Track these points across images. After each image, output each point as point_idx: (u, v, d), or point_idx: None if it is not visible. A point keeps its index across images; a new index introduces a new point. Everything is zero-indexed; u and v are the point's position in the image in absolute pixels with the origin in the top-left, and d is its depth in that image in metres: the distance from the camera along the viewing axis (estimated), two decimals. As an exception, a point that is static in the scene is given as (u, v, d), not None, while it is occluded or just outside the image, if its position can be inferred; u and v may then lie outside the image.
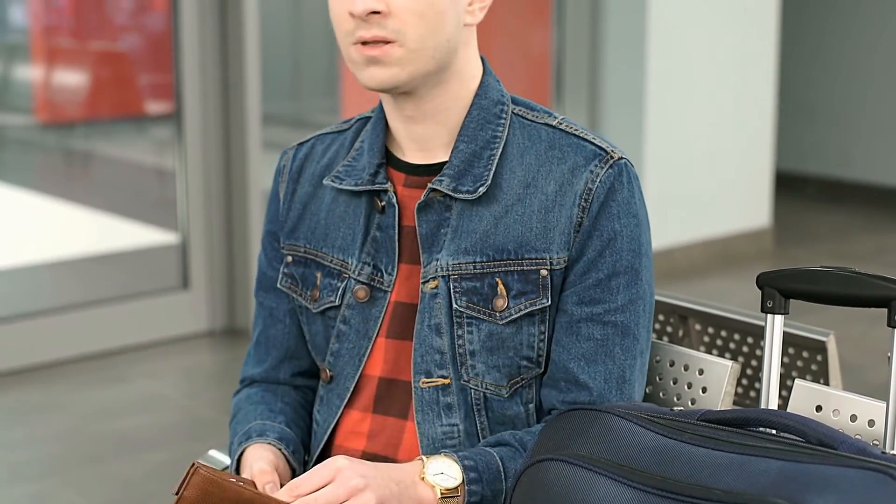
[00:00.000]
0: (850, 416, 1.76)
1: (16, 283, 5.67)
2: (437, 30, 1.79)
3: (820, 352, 2.32)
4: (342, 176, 1.93)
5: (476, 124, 1.87)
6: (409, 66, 1.79)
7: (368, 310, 1.90)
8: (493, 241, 1.83)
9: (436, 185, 1.84)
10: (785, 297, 1.81)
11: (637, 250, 1.84)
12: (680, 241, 6.63)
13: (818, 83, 8.74)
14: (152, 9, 6.25)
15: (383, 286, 1.89)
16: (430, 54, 1.80)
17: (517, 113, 1.90)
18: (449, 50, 1.82)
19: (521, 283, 1.82)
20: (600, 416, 1.63)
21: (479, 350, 1.84)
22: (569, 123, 1.89)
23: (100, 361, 5.10)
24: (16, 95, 6.28)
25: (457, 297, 1.84)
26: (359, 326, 1.90)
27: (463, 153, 1.85)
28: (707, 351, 2.50)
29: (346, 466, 1.65)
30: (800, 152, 8.78)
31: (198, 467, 1.60)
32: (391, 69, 1.79)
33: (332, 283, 1.93)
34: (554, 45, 6.57)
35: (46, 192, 6.45)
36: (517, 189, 1.84)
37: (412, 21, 1.77)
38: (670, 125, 6.48)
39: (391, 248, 1.89)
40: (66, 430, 4.42)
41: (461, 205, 1.85)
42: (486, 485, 1.73)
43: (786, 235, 7.31)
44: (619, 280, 1.82)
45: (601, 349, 1.82)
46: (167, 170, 5.82)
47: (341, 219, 1.94)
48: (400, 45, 1.78)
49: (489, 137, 1.86)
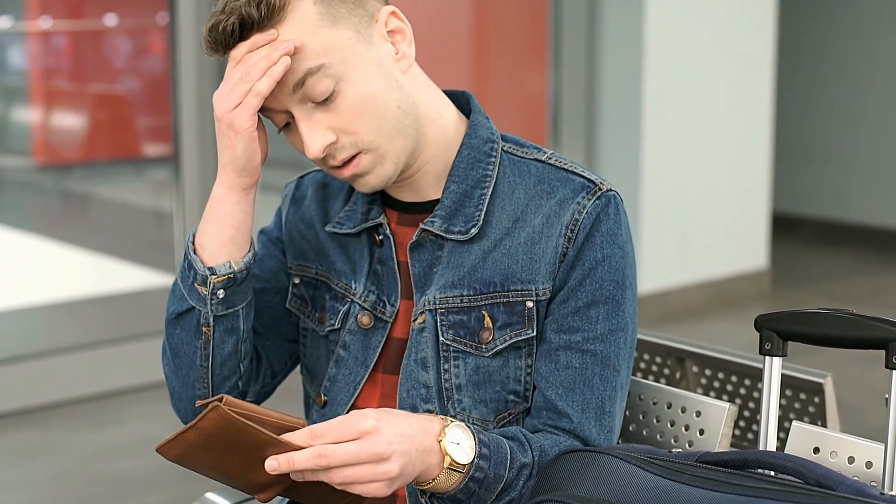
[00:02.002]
0: (848, 458, 1.76)
1: (13, 325, 5.66)
2: (385, 112, 1.77)
3: (817, 394, 2.32)
4: (342, 221, 1.94)
5: (467, 164, 1.86)
6: (389, 159, 1.79)
7: (368, 338, 1.90)
8: (481, 274, 1.83)
9: (427, 226, 1.84)
10: (783, 339, 1.81)
11: (620, 281, 1.82)
12: (677, 282, 6.63)
13: (813, 126, 8.77)
14: (150, 52, 6.27)
15: (385, 316, 1.89)
16: (396, 135, 1.79)
17: (507, 150, 1.90)
18: (408, 113, 1.80)
19: (506, 314, 1.82)
20: (598, 458, 1.63)
21: (465, 384, 1.83)
22: (558, 158, 1.89)
23: (96, 403, 5.09)
24: (14, 137, 6.30)
25: (443, 330, 1.83)
26: (357, 354, 1.90)
27: (454, 193, 1.85)
28: (704, 393, 2.50)
29: (376, 430, 1.57)
30: (796, 194, 8.80)
31: (217, 406, 1.53)
32: (375, 173, 1.79)
33: (336, 306, 1.93)
34: (551, 86, 6.59)
35: (44, 233, 6.46)
36: (506, 224, 1.84)
37: (361, 126, 1.76)
38: (667, 167, 6.49)
39: (393, 280, 1.89)
40: (62, 472, 4.41)
41: (452, 245, 1.85)
42: (493, 466, 1.70)
43: (783, 277, 7.32)
44: (599, 309, 1.81)
45: (580, 378, 1.80)
46: (165, 212, 5.82)
47: (342, 249, 1.95)
48: (366, 151, 1.77)
49: (480, 176, 1.86)
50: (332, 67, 1.72)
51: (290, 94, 1.73)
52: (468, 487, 1.68)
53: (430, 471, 1.65)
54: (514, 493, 1.73)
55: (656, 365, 2.56)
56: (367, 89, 1.75)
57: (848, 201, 8.61)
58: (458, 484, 1.68)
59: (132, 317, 5.87)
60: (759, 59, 6.85)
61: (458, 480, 1.68)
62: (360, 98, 1.74)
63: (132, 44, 6.33)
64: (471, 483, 1.68)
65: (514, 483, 1.73)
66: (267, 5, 1.70)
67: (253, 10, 1.70)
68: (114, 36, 6.33)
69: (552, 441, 1.79)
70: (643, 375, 2.58)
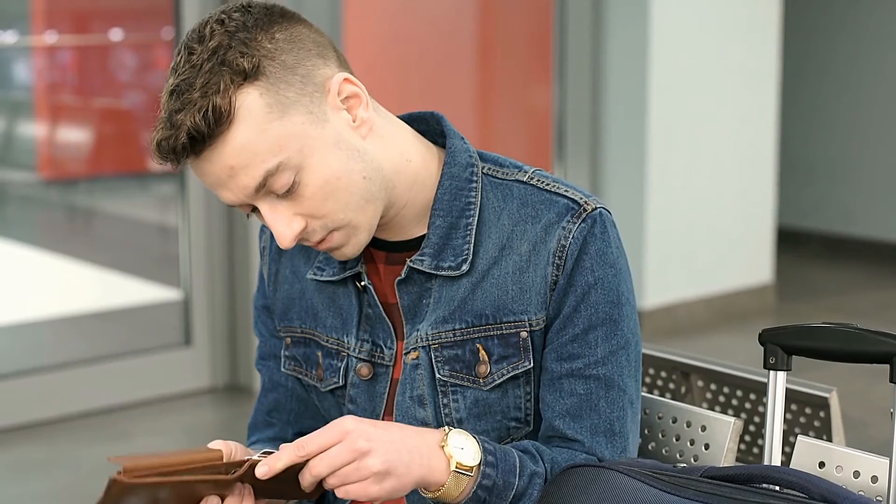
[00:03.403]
0: (854, 473, 1.76)
1: (18, 340, 5.67)
2: (351, 187, 1.72)
3: (822, 408, 2.32)
4: (322, 266, 1.91)
5: (449, 195, 1.82)
6: (363, 228, 1.76)
7: (373, 387, 1.88)
8: (472, 306, 1.80)
9: (416, 264, 1.81)
10: (787, 353, 1.82)
11: (615, 300, 1.80)
12: (682, 297, 6.63)
13: (819, 140, 8.77)
14: (155, 66, 6.28)
15: (384, 361, 1.87)
16: (365, 205, 1.75)
17: (487, 172, 1.85)
18: (375, 179, 1.75)
19: (501, 347, 1.80)
20: (602, 473, 1.63)
21: (466, 417, 1.82)
22: (540, 177, 1.84)
23: (102, 418, 5.10)
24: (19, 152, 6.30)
25: (439, 366, 1.82)
26: (365, 405, 1.88)
27: (440, 228, 1.81)
28: (710, 407, 2.50)
29: (354, 429, 1.60)
30: (801, 209, 8.80)
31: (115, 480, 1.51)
32: (350, 244, 1.76)
33: (333, 363, 1.91)
34: (555, 102, 6.59)
35: (49, 248, 6.47)
36: (493, 252, 1.81)
37: (328, 209, 1.71)
38: (672, 182, 6.49)
39: (385, 324, 1.86)
40: (68, 486, 4.41)
41: (441, 281, 1.82)
42: (501, 473, 1.69)
43: (788, 292, 7.31)
44: (597, 332, 1.79)
45: (585, 404, 1.79)
46: (170, 226, 5.83)
47: (331, 301, 1.91)
48: (338, 229, 1.74)
49: (463, 205, 1.82)
50: (290, 160, 1.67)
51: (252, 195, 1.69)
52: (477, 495, 1.67)
53: (436, 474, 1.65)
54: (529, 502, 1.72)
55: (661, 379, 2.56)
56: (330, 171, 1.70)
57: (853, 216, 8.61)
58: (468, 491, 1.67)
59: (138, 331, 5.88)
60: (764, 74, 6.85)
61: (468, 487, 1.67)
62: (323, 182, 1.70)
63: (137, 58, 6.35)
64: (480, 490, 1.67)
65: (528, 492, 1.72)
66: (214, 112, 1.63)
67: (200, 122, 1.62)
68: (119, 51, 6.34)
69: (567, 455, 1.78)
70: (648, 390, 2.58)
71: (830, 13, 8.66)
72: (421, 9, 6.21)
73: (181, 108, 1.63)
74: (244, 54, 1.65)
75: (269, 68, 1.66)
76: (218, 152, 1.66)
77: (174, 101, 1.65)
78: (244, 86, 1.65)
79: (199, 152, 1.66)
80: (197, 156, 1.66)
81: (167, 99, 1.67)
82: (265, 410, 2.04)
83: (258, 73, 1.65)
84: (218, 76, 1.64)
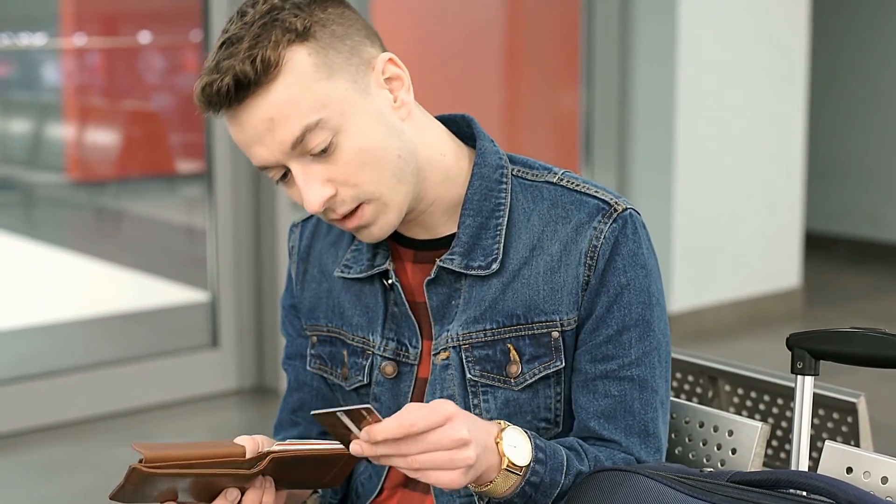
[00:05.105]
0: (882, 478, 1.75)
1: (46, 341, 5.69)
2: (385, 162, 1.74)
3: (850, 413, 2.31)
4: (350, 264, 1.91)
5: (479, 195, 1.83)
6: (393, 207, 1.77)
7: (397, 385, 1.88)
8: (503, 307, 1.80)
9: (446, 263, 1.82)
10: (815, 358, 1.81)
11: (647, 301, 1.81)
12: (709, 301, 6.61)
13: (847, 144, 8.74)
14: (184, 69, 6.30)
15: (409, 360, 1.87)
16: (397, 184, 1.76)
17: (517, 174, 1.86)
18: (409, 161, 1.77)
19: (533, 346, 1.80)
20: (629, 478, 1.63)
21: (496, 417, 1.81)
22: (570, 178, 1.85)
23: (129, 419, 5.11)
24: (48, 154, 6.33)
25: (470, 366, 1.82)
26: (390, 403, 1.88)
27: (470, 227, 1.82)
28: (737, 412, 2.49)
29: (456, 415, 1.57)
30: (829, 213, 8.77)
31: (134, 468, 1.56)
32: (378, 223, 1.77)
33: (358, 361, 1.91)
34: (583, 106, 6.59)
35: (77, 249, 6.49)
36: (523, 253, 1.81)
37: (361, 178, 1.73)
38: (699, 186, 6.48)
39: (411, 323, 1.87)
40: (94, 487, 4.42)
41: (471, 280, 1.83)
42: (549, 472, 1.69)
43: (816, 296, 7.29)
44: (631, 334, 1.80)
45: (619, 405, 1.80)
46: (197, 228, 5.85)
47: (357, 299, 1.92)
48: (368, 202, 1.75)
49: (493, 206, 1.83)
50: (330, 121, 1.69)
51: (288, 151, 1.70)
52: (524, 492, 1.67)
53: (489, 472, 1.64)
54: None
55: (689, 384, 2.56)
56: (367, 141, 1.72)
57: (881, 220, 8.58)
58: (515, 487, 1.67)
59: (165, 333, 5.90)
60: (792, 78, 6.83)
61: (515, 484, 1.67)
62: (359, 149, 1.72)
63: (166, 61, 6.37)
64: (527, 487, 1.67)
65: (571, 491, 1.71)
66: (262, 61, 1.66)
67: (248, 68, 1.65)
68: (148, 53, 6.36)
69: (607, 454, 1.79)
70: (676, 394, 2.58)
71: (860, 18, 8.63)
72: (449, 13, 6.21)
73: (230, 56, 1.67)
74: (297, 16, 1.69)
75: (320, 33, 1.70)
76: (260, 102, 1.68)
77: (223, 51, 1.68)
78: (294, 43, 1.68)
79: (242, 99, 1.68)
80: (240, 103, 1.68)
81: (216, 50, 1.70)
82: (290, 409, 2.05)
83: (308, 35, 1.69)
84: (270, 31, 1.68)
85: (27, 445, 4.83)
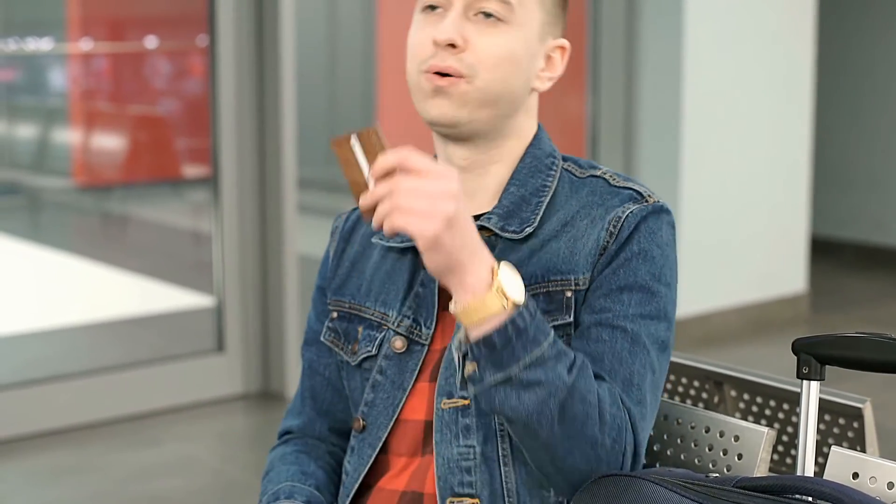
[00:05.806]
0: (888, 484, 1.75)
1: (52, 345, 5.70)
2: (507, 80, 1.84)
3: (856, 419, 2.30)
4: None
5: (528, 171, 1.91)
6: (471, 106, 1.83)
7: (405, 361, 1.90)
8: (524, 270, 1.82)
9: (484, 222, 1.86)
10: (821, 363, 1.81)
11: (656, 275, 1.82)
12: (715, 306, 6.61)
13: (854, 149, 8.74)
14: (190, 74, 6.31)
15: (421, 339, 1.89)
16: (493, 101, 1.84)
17: (567, 168, 1.94)
18: (512, 105, 1.88)
19: (545, 302, 1.82)
20: (634, 483, 1.63)
21: None
22: (613, 175, 1.92)
23: (134, 424, 5.11)
24: (54, 159, 6.34)
25: None
26: (394, 377, 1.90)
27: (513, 196, 1.89)
28: (742, 417, 2.49)
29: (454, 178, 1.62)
30: (836, 218, 8.76)
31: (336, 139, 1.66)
32: (454, 103, 1.83)
33: (372, 334, 1.94)
34: (589, 110, 6.59)
35: (83, 254, 6.50)
36: (555, 227, 1.86)
37: (488, 63, 1.82)
38: (705, 191, 6.48)
39: (431, 303, 1.89)
40: (99, 492, 4.42)
41: (504, 244, 1.86)
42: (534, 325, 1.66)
43: (822, 301, 7.29)
44: (632, 295, 1.80)
45: (608, 350, 1.78)
46: (203, 233, 5.85)
47: (388, 275, 1.95)
48: (468, 81, 1.82)
49: (539, 185, 1.90)
50: (511, 12, 1.82)
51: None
52: (506, 330, 1.64)
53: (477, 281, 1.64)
54: (546, 375, 1.67)
55: (694, 389, 2.55)
56: (512, 52, 1.84)
57: (889, 225, 8.57)
58: (499, 322, 1.64)
59: (171, 337, 5.90)
60: (799, 83, 6.83)
61: (500, 317, 1.64)
62: (501, 50, 1.83)
63: (172, 66, 6.37)
64: (510, 326, 1.64)
65: (550, 363, 1.67)
66: None
67: None
68: (154, 58, 6.37)
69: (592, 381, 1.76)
70: (681, 399, 2.57)
71: (866, 23, 8.63)
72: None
73: None
74: None
75: None
76: None
77: None
78: None
79: None
80: None
81: None
82: (300, 394, 2.10)
83: None
84: None
85: (33, 450, 4.83)
